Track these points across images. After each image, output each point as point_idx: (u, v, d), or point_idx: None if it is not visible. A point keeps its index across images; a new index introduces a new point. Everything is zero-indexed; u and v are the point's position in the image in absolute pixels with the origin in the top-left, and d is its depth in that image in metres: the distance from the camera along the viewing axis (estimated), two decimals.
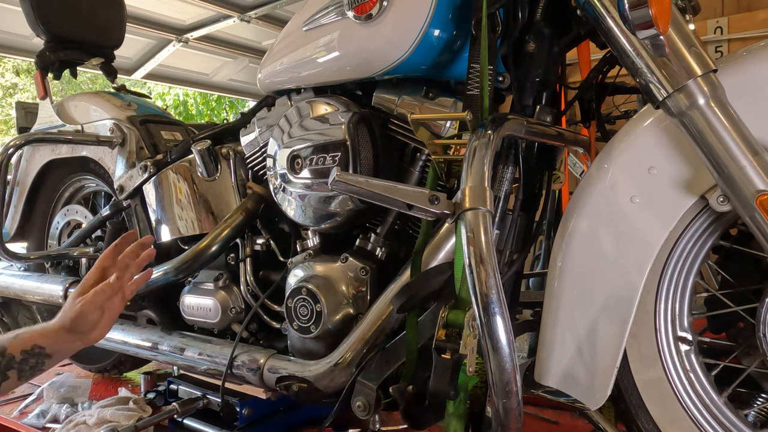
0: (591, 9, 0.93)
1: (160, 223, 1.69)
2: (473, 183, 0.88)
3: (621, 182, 0.98)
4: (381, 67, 1.19)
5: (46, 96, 2.04)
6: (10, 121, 9.31)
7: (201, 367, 1.48)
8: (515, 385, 0.83)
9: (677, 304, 1.04)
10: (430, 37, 1.13)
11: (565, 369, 1.01)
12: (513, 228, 1.15)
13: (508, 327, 0.83)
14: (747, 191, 0.86)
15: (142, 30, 3.95)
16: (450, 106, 1.19)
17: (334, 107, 1.27)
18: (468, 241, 0.85)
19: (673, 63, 0.87)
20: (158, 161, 1.70)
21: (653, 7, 0.80)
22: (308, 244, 1.36)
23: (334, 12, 1.25)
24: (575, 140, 1.24)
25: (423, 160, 1.23)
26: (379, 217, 1.29)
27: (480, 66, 1.04)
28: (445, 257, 1.11)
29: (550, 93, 1.20)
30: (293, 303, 1.28)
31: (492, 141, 0.92)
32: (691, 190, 0.94)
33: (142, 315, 1.74)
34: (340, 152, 1.20)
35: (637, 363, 1.05)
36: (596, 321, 0.99)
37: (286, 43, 1.39)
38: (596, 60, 1.27)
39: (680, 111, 0.87)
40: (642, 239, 0.96)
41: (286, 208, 1.35)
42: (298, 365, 1.27)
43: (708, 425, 1.01)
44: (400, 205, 0.91)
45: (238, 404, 1.50)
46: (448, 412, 0.94)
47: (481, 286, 0.83)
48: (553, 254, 1.03)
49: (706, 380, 1.03)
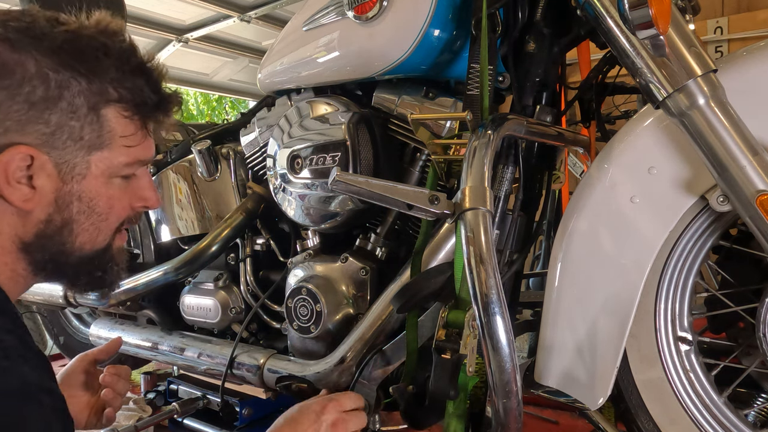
0: (591, 9, 0.93)
1: (160, 223, 1.69)
2: (473, 183, 0.88)
3: (621, 182, 0.98)
4: (381, 67, 1.19)
5: None
6: None
7: (201, 367, 1.48)
8: (515, 385, 0.83)
9: (677, 304, 1.04)
10: (430, 37, 1.13)
11: (565, 369, 1.01)
12: (513, 228, 1.15)
13: (508, 327, 0.83)
14: (747, 191, 0.86)
15: (142, 30, 3.94)
16: (450, 106, 1.19)
17: (334, 107, 1.27)
18: (468, 241, 0.85)
19: (673, 63, 0.87)
20: (158, 161, 1.70)
21: (653, 7, 0.80)
22: (308, 244, 1.36)
23: (334, 12, 1.25)
24: (575, 140, 1.24)
25: (423, 160, 1.23)
26: (379, 217, 1.29)
27: (480, 66, 1.04)
28: (445, 257, 1.11)
29: (550, 93, 1.20)
30: (293, 303, 1.28)
31: (492, 141, 0.92)
32: (691, 190, 0.94)
33: (142, 315, 1.74)
34: (340, 152, 1.20)
35: (637, 363, 1.05)
36: (596, 321, 0.99)
37: (286, 43, 1.39)
38: (596, 60, 1.27)
39: (680, 111, 0.87)
40: (642, 239, 0.96)
41: (286, 208, 1.34)
42: (298, 365, 1.27)
43: (708, 425, 1.01)
44: (400, 205, 0.91)
45: (238, 404, 1.51)
46: (448, 412, 0.94)
47: (481, 286, 0.83)
48: (553, 254, 1.03)
49: (706, 380, 1.03)
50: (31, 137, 0.74)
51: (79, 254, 0.82)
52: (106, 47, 0.79)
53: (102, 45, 0.79)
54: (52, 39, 0.76)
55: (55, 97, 0.74)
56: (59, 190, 0.78)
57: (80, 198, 0.79)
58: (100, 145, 0.79)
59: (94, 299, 1.68)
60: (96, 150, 0.79)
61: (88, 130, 0.78)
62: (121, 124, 0.81)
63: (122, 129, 0.81)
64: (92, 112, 0.78)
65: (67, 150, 0.77)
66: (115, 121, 0.80)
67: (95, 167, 0.80)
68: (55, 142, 0.75)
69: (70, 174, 0.78)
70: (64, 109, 0.75)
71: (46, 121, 0.74)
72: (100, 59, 0.78)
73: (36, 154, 0.74)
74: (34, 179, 0.75)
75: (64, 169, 0.77)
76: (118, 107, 0.80)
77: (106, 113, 0.79)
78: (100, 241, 0.84)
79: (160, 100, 0.86)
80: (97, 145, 0.79)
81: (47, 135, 0.75)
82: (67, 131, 0.76)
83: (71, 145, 0.77)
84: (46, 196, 0.77)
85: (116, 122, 0.80)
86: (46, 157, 0.75)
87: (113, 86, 0.79)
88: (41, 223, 0.78)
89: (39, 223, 0.78)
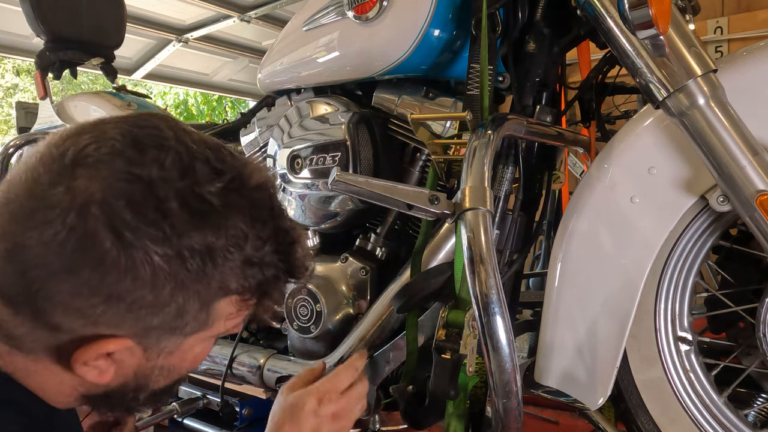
0: (591, 9, 0.93)
1: None
2: (473, 183, 0.88)
3: (621, 182, 0.98)
4: (381, 67, 1.19)
5: (46, 96, 2.04)
6: (10, 121, 9.31)
7: (201, 367, 1.47)
8: (515, 385, 0.83)
9: (677, 304, 1.04)
10: (430, 37, 1.13)
11: (565, 369, 1.01)
12: (513, 228, 1.15)
13: (508, 327, 0.83)
14: (747, 191, 0.86)
15: (142, 30, 3.94)
16: (450, 106, 1.19)
17: (334, 107, 1.27)
18: (468, 241, 0.85)
19: (673, 63, 0.87)
20: None
21: (653, 7, 0.80)
22: (308, 244, 1.36)
23: (334, 12, 1.25)
24: (575, 140, 1.24)
25: (423, 160, 1.23)
26: (379, 217, 1.29)
27: (480, 66, 1.04)
28: (445, 257, 1.11)
29: (550, 93, 1.20)
30: (293, 303, 1.28)
31: (492, 141, 0.92)
32: (691, 190, 0.94)
33: None
34: (340, 152, 1.20)
35: (637, 363, 1.05)
36: (596, 321, 0.99)
37: (286, 43, 1.39)
38: (596, 60, 1.27)
39: (680, 111, 0.87)
40: (642, 239, 0.96)
41: (286, 208, 1.34)
42: (298, 365, 1.27)
43: (708, 425, 1.01)
44: (400, 205, 0.91)
45: (238, 404, 1.50)
46: (448, 412, 0.94)
47: (481, 286, 0.83)
48: (553, 254, 1.03)
49: (706, 380, 1.03)
50: (124, 331, 0.61)
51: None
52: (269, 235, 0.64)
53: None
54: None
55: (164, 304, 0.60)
56: (141, 366, 0.66)
57: (162, 368, 0.68)
58: (200, 328, 0.65)
59: None
60: (195, 333, 0.66)
61: (193, 324, 0.64)
62: (231, 308, 0.66)
63: (229, 309, 0.66)
64: (204, 308, 0.63)
65: (162, 340, 0.64)
66: (227, 308, 0.66)
67: (188, 344, 0.67)
68: (148, 338, 0.63)
69: (158, 353, 0.66)
70: (171, 313, 0.61)
71: (146, 325, 0.61)
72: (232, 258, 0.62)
73: (125, 343, 0.62)
74: (114, 355, 0.63)
75: (152, 350, 0.65)
76: (234, 298, 0.65)
77: (218, 304, 0.64)
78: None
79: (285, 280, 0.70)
80: (197, 329, 0.65)
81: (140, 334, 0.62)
82: (168, 330, 0.63)
83: (167, 336, 0.64)
84: (124, 370, 0.65)
85: (227, 308, 0.66)
86: (133, 343, 0.63)
87: (237, 279, 0.63)
88: (112, 388, 0.68)
89: (109, 386, 0.67)
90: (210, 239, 0.60)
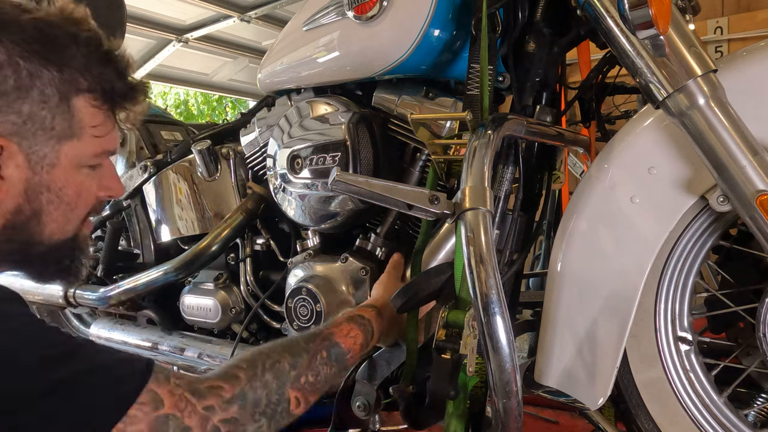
0: (591, 9, 0.93)
1: (160, 223, 1.68)
2: (473, 183, 0.88)
3: (621, 182, 0.98)
4: (381, 67, 1.19)
5: None
6: None
7: (201, 367, 1.48)
8: (515, 385, 0.83)
9: (677, 304, 1.04)
10: (430, 37, 1.13)
11: (565, 369, 1.01)
12: (513, 228, 1.15)
13: (508, 327, 0.83)
14: (747, 191, 0.86)
15: (142, 30, 3.94)
16: (450, 106, 1.19)
17: (334, 107, 1.27)
18: (468, 241, 0.85)
19: (673, 63, 0.87)
20: (158, 161, 1.70)
21: (653, 7, 0.80)
22: (308, 244, 1.36)
23: (334, 12, 1.25)
24: (575, 140, 1.24)
25: (423, 160, 1.23)
26: (379, 217, 1.29)
27: (480, 66, 1.04)
28: (445, 257, 1.11)
29: (550, 93, 1.20)
30: (293, 303, 1.28)
31: (492, 141, 0.92)
32: (691, 190, 0.94)
33: (142, 315, 1.74)
34: (340, 152, 1.20)
35: (637, 363, 1.05)
36: (596, 321, 0.99)
37: (286, 43, 1.39)
38: (596, 60, 1.27)
39: (680, 111, 0.87)
40: (642, 239, 0.96)
41: (286, 208, 1.34)
42: None
43: (708, 425, 1.01)
44: (400, 205, 0.91)
45: None
46: (448, 412, 0.94)
47: (481, 286, 0.83)
48: (553, 254, 1.03)
49: (706, 380, 1.03)
50: (1, 127, 0.72)
51: (47, 244, 0.81)
52: (75, 36, 0.78)
53: (71, 33, 0.78)
54: (22, 27, 0.74)
55: (27, 87, 0.73)
56: (29, 180, 0.76)
57: (49, 188, 0.78)
58: (71, 135, 0.78)
59: (95, 299, 1.68)
60: (66, 140, 0.78)
61: (59, 120, 0.76)
62: (90, 114, 0.80)
63: (91, 119, 0.80)
64: (63, 102, 0.77)
65: (38, 140, 0.75)
66: (85, 111, 0.79)
67: (65, 157, 0.78)
68: (25, 132, 0.74)
69: (40, 164, 0.76)
70: (36, 98, 0.74)
71: (17, 110, 0.73)
72: (69, 48, 0.77)
73: (6, 144, 0.73)
74: (2, 169, 0.73)
75: (34, 159, 0.75)
76: (87, 97, 0.79)
77: (76, 103, 0.78)
78: (68, 231, 0.83)
79: (128, 89, 0.85)
80: (67, 134, 0.78)
81: (18, 125, 0.73)
82: (38, 121, 0.74)
83: (42, 135, 0.75)
84: (15, 186, 0.75)
85: (86, 112, 0.79)
86: (15, 147, 0.74)
87: (83, 75, 0.78)
88: (9, 214, 0.76)
89: (7, 213, 0.76)
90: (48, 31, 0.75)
